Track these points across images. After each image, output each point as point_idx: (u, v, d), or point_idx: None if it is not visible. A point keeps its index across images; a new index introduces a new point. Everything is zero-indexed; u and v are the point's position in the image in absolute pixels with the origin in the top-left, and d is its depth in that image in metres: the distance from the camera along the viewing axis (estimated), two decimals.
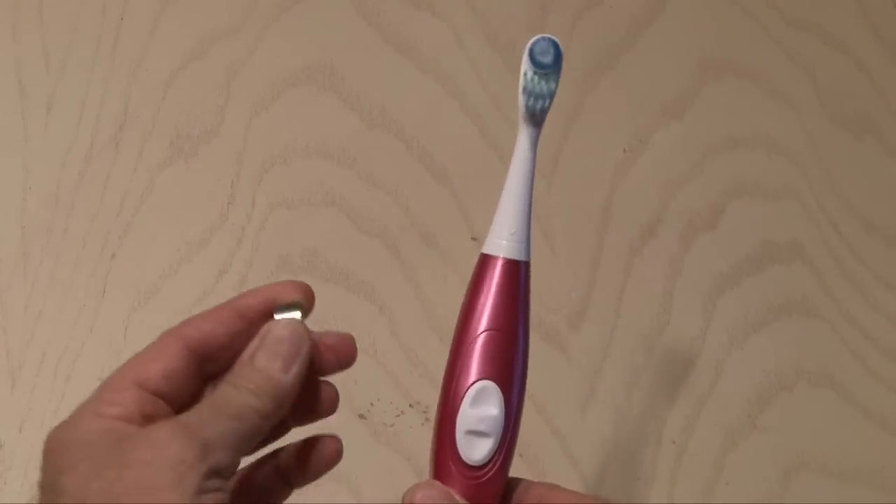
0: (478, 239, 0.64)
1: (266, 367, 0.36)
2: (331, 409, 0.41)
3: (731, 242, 0.67)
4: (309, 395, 0.39)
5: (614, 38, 0.73)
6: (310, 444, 0.40)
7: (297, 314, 0.38)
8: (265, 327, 0.37)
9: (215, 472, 0.33)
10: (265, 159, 0.66)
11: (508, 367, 0.39)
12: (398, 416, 0.59)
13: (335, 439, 0.40)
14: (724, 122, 0.71)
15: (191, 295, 0.61)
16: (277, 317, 0.38)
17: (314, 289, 0.40)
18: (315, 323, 0.66)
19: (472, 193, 0.66)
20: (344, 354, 0.40)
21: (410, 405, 0.59)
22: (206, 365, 0.38)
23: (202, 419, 0.34)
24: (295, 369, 0.37)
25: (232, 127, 0.67)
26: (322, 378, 0.40)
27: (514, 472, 0.41)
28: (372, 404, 0.59)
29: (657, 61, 0.73)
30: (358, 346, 0.61)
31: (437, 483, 0.38)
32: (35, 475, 0.36)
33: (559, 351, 0.62)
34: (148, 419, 0.35)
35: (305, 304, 0.39)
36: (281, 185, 0.65)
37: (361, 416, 0.59)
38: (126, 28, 0.69)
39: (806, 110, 0.72)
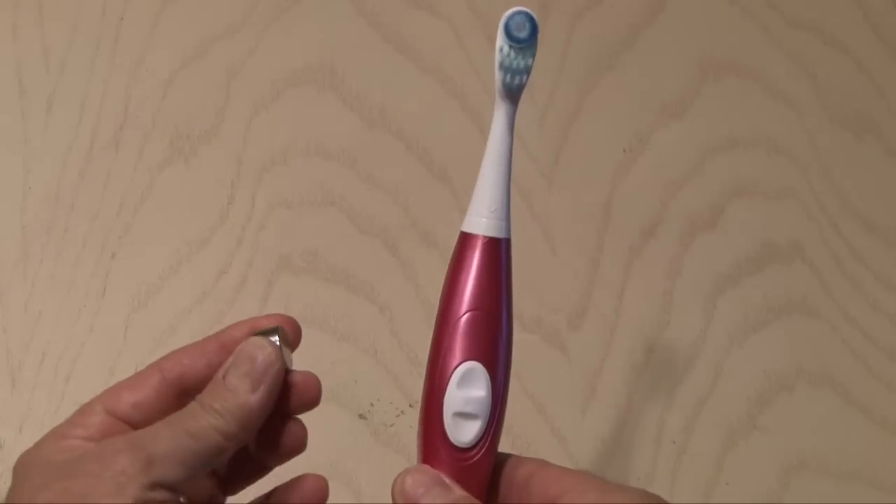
0: None
1: (235, 386, 0.36)
2: (298, 446, 0.40)
3: (731, 242, 0.67)
4: (273, 430, 0.39)
5: (614, 38, 0.73)
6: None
7: (275, 338, 0.38)
8: (239, 346, 0.37)
9: (161, 485, 0.34)
10: (265, 159, 0.66)
11: (494, 348, 0.39)
12: (398, 416, 0.59)
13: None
14: (724, 122, 0.71)
15: (191, 295, 0.61)
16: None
17: (314, 289, 0.40)
18: (315, 323, 0.65)
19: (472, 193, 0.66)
20: (306, 395, 0.39)
21: (410, 405, 0.59)
22: (186, 397, 0.38)
23: (155, 434, 0.35)
24: (263, 389, 0.36)
25: (232, 127, 0.67)
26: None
27: None
28: (372, 404, 0.59)
29: (657, 61, 0.73)
30: (358, 346, 0.62)
31: (427, 467, 0.38)
32: None
33: (559, 351, 0.62)
34: None
35: (289, 333, 0.39)
36: (281, 185, 0.65)
37: (361, 416, 0.59)
38: (126, 28, 0.69)
39: (806, 110, 0.72)
